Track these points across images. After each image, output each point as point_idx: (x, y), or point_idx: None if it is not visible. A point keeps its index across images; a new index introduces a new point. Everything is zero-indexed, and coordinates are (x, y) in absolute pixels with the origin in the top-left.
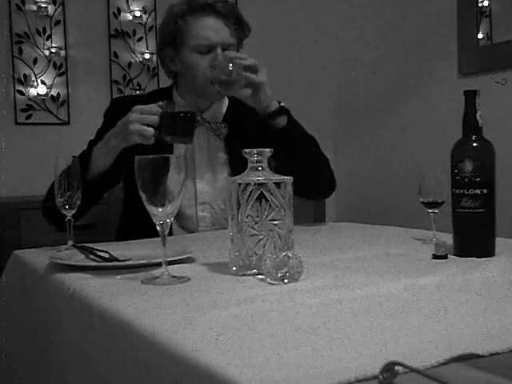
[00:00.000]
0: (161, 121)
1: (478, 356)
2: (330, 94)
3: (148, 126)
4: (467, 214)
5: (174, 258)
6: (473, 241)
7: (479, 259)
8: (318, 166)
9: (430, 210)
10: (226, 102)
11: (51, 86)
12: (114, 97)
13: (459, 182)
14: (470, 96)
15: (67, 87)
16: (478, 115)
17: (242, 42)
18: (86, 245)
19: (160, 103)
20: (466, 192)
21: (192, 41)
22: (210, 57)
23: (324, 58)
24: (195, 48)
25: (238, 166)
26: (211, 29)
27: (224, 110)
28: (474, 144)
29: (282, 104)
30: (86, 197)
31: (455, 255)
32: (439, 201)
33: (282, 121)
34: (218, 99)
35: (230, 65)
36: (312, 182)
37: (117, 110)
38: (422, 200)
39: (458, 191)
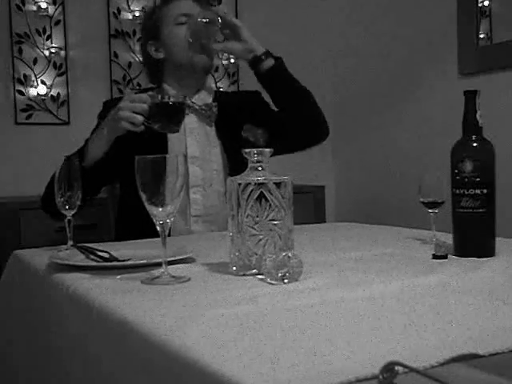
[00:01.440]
0: (150, 109)
1: (478, 356)
2: (326, 92)
3: (138, 114)
4: (467, 213)
5: (174, 258)
6: (473, 241)
7: (479, 259)
8: (309, 110)
9: (430, 210)
10: (212, 91)
11: (51, 86)
12: (104, 100)
13: (459, 182)
14: (470, 96)
15: (67, 87)
16: (477, 115)
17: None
18: (85, 245)
19: (150, 93)
20: (465, 192)
21: (171, 18)
22: (186, 24)
23: (322, 58)
24: (174, 22)
25: (230, 148)
26: (184, 6)
27: (211, 98)
28: (474, 144)
29: (271, 52)
30: (83, 187)
31: (455, 255)
32: (439, 201)
33: (269, 62)
34: (206, 68)
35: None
36: (305, 125)
37: (110, 105)
38: (421, 200)
39: (457, 191)
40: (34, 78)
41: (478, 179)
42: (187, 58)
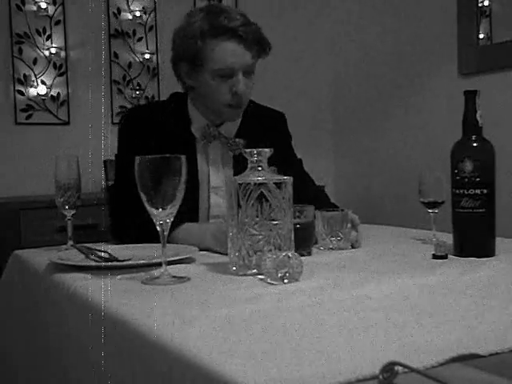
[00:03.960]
0: None
1: (478, 356)
2: (327, 92)
3: None
4: (467, 213)
5: (174, 258)
6: (473, 241)
7: (479, 259)
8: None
9: (429, 210)
10: (237, 122)
11: (51, 86)
12: (126, 111)
13: (459, 182)
14: (470, 96)
15: (67, 87)
16: (478, 115)
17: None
18: (85, 245)
19: None
20: (465, 192)
21: (212, 65)
22: (230, 82)
23: (323, 58)
24: (216, 72)
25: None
26: (233, 54)
27: (237, 126)
28: (474, 144)
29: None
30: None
31: (455, 255)
32: (439, 201)
33: None
34: (234, 119)
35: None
36: None
37: (133, 124)
38: (421, 200)
39: (458, 191)
40: (33, 78)
41: (478, 179)
42: (219, 108)
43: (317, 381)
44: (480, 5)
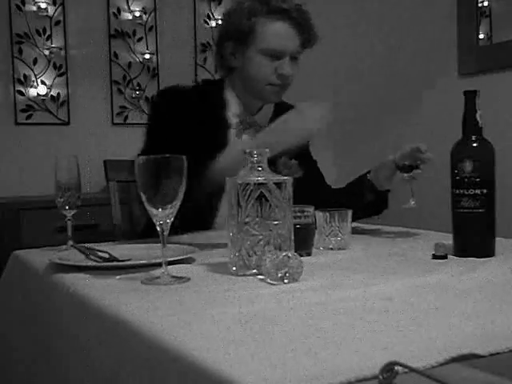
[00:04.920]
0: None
1: (478, 356)
2: (327, 94)
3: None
4: (467, 214)
5: (174, 258)
6: (473, 241)
7: (479, 259)
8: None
9: (405, 174)
10: (272, 106)
11: (51, 86)
12: (161, 89)
13: (459, 182)
14: (470, 96)
15: (67, 87)
16: (477, 115)
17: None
18: (85, 245)
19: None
20: (465, 192)
21: (263, 44)
22: (277, 63)
23: (323, 59)
24: (264, 51)
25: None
26: (284, 36)
27: (269, 116)
28: (474, 144)
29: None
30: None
31: (455, 255)
32: (414, 164)
33: (371, 197)
34: (274, 101)
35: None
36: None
37: (171, 99)
38: (397, 165)
39: (457, 191)
40: (33, 78)
41: (477, 179)
42: (261, 88)
43: (317, 381)
44: (480, 5)
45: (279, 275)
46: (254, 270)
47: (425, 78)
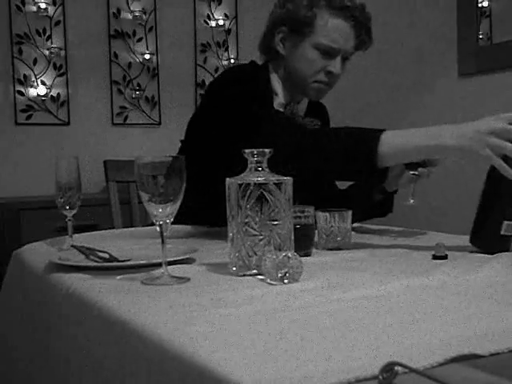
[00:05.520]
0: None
1: (478, 356)
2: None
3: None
4: None
5: (174, 259)
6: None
7: (479, 259)
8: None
9: (410, 172)
10: (306, 101)
11: (51, 86)
12: (226, 69)
13: None
14: None
15: (67, 87)
16: None
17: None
18: (85, 245)
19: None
20: None
21: (319, 37)
22: (328, 61)
23: None
24: (319, 46)
25: None
26: (343, 34)
27: (305, 107)
28: None
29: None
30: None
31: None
32: (420, 162)
33: (379, 197)
34: (315, 98)
35: None
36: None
37: (233, 83)
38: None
39: None
40: (33, 79)
41: None
42: (304, 82)
43: (317, 381)
44: (480, 5)
45: (279, 275)
46: (254, 270)
47: (425, 78)
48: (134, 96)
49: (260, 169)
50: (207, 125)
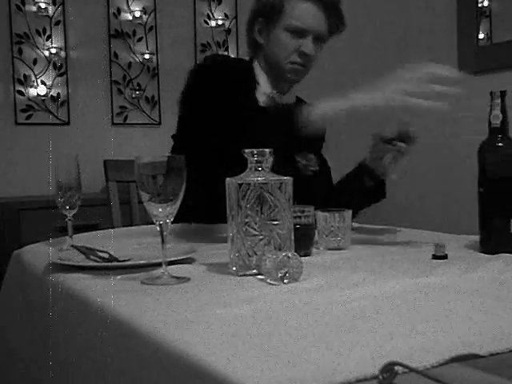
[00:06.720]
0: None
1: (478, 356)
2: (327, 93)
3: None
4: None
5: (174, 258)
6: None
7: (479, 259)
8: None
9: (389, 146)
10: (294, 95)
11: (51, 86)
12: (198, 63)
13: None
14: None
15: (67, 87)
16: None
17: (329, 39)
18: (86, 245)
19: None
20: None
21: (288, 20)
22: (300, 41)
23: (322, 59)
24: (289, 28)
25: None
26: (309, 14)
27: (294, 99)
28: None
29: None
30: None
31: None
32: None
33: (370, 183)
34: (294, 80)
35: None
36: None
37: (204, 79)
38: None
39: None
40: (33, 79)
41: None
42: (281, 65)
43: (317, 381)
44: (480, 5)
45: (279, 275)
46: (254, 270)
47: None
48: (134, 96)
49: (260, 169)
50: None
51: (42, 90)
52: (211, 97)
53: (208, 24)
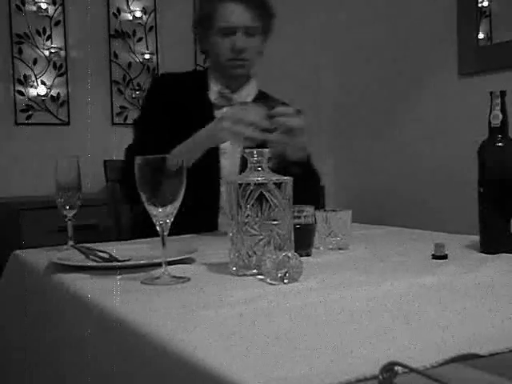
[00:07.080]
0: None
1: (478, 356)
2: (327, 93)
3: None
4: None
5: (174, 258)
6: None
7: (479, 259)
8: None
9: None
10: (255, 88)
11: (51, 86)
12: (154, 76)
13: None
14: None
15: (67, 87)
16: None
17: (269, 29)
18: (85, 245)
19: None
20: None
21: (217, 23)
22: (232, 39)
23: (323, 59)
24: (219, 30)
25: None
26: (232, 13)
27: (254, 95)
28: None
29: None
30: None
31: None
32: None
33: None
34: (239, 74)
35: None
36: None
37: (158, 88)
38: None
39: None
40: (33, 79)
41: None
42: (224, 65)
43: (317, 381)
44: (480, 5)
45: (279, 275)
46: (254, 270)
47: (425, 77)
48: (134, 96)
49: (260, 169)
50: None
51: (41, 89)
52: (163, 100)
53: None
